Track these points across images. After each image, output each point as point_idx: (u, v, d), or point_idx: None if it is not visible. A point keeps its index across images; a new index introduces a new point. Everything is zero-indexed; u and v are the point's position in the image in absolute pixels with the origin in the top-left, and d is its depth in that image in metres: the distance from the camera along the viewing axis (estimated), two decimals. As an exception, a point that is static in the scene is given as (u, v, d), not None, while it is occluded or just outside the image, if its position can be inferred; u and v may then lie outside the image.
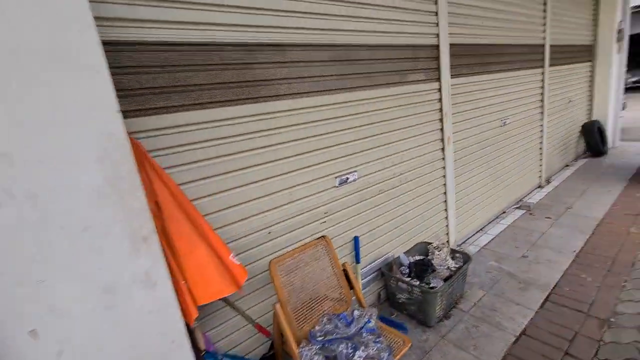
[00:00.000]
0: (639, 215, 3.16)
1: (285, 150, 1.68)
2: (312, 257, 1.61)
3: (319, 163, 1.84)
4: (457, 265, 2.28)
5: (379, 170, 2.19)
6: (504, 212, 3.59)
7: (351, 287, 1.66)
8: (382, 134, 2.17)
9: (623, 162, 4.91)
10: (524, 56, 3.55)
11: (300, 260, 1.56)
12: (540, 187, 4.25)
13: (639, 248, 2.62)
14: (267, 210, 1.65)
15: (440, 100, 2.58)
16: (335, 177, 1.94)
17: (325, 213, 1.91)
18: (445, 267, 2.26)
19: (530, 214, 3.52)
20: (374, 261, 2.29)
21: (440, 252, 2.36)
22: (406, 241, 2.49)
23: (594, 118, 5.58)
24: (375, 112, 2.11)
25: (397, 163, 2.31)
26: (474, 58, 2.87)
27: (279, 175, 1.67)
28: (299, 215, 1.78)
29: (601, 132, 5.40)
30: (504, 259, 2.70)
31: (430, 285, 2.05)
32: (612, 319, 1.93)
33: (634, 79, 12.12)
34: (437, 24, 2.45)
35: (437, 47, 2.48)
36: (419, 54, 2.37)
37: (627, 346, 1.73)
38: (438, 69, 2.52)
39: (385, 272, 2.21)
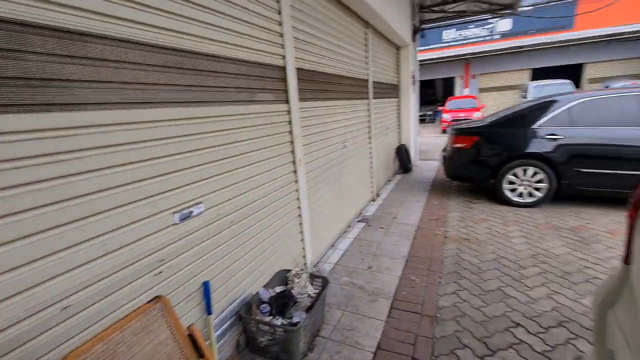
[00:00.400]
0: (439, 220, 4.07)
1: (93, 182, 1.18)
2: (141, 330, 1.16)
3: (151, 196, 1.40)
4: (316, 291, 2.23)
5: (230, 199, 1.90)
6: (349, 226, 3.93)
7: (201, 355, 1.29)
8: (232, 157, 1.91)
9: (423, 177, 6.37)
10: (356, 88, 4.07)
11: (120, 341, 1.08)
12: (373, 200, 4.93)
13: (443, 247, 3.31)
14: (64, 273, 1.09)
15: (290, 122, 2.54)
16: (175, 213, 1.53)
17: (161, 261, 1.47)
18: (306, 295, 2.17)
19: (369, 225, 3.98)
20: (231, 304, 1.95)
21: (300, 279, 2.26)
22: (265, 273, 2.27)
23: (402, 142, 7.05)
24: (224, 132, 1.83)
25: (250, 189, 2.09)
26: (319, 84, 3.02)
27: (83, 218, 1.15)
28: (119, 271, 1.28)
29: (407, 153, 6.87)
30: (354, 273, 2.87)
31: (293, 321, 1.89)
32: (437, 315, 2.29)
33: (419, 114, 16.44)
34: (284, 46, 2.42)
35: (284, 69, 2.45)
36: (267, 73, 2.26)
37: (451, 337, 2.06)
38: (286, 91, 2.49)
39: (244, 315, 1.91)
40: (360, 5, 3.65)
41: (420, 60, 12.01)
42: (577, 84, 15.14)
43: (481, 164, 4.56)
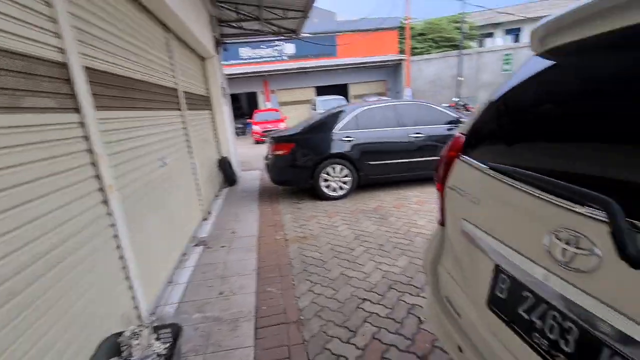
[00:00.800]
0: (276, 225, 4.18)
1: None
2: None
3: None
4: (167, 345, 1.76)
5: (2, 259, 1.20)
6: (185, 254, 3.40)
7: None
8: (-7, 194, 1.21)
9: (249, 186, 6.42)
10: (167, 97, 3.57)
11: None
12: (205, 219, 4.51)
13: (287, 250, 3.42)
14: None
15: (87, 138, 1.90)
16: None
17: None
18: (154, 357, 1.68)
19: (208, 247, 3.60)
20: None
21: (140, 339, 1.73)
22: (82, 350, 1.59)
23: (223, 154, 6.85)
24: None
25: (34, 238, 1.40)
26: (122, 91, 2.43)
27: None
28: None
29: (230, 165, 6.74)
30: (205, 305, 2.49)
31: (145, 399, 1.41)
32: (301, 317, 2.31)
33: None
34: (60, 36, 1.77)
35: (66, 65, 1.81)
36: (39, 69, 1.59)
37: (319, 335, 2.12)
38: (74, 95, 1.85)
39: None
40: (155, 2, 3.21)
41: (229, 75, 12.16)
42: (347, 99, 19.60)
43: (299, 167, 5.04)
